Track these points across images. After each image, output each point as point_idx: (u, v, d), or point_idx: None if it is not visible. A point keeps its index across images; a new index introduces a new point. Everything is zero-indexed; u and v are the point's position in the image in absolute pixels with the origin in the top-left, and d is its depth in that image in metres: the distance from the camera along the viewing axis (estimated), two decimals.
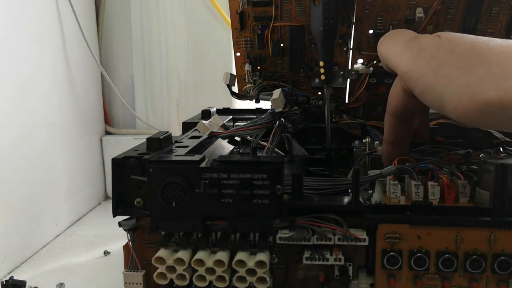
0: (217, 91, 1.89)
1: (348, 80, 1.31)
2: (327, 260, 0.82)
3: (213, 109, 1.36)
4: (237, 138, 1.25)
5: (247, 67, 1.37)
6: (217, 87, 1.88)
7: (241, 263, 0.82)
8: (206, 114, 1.32)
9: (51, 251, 1.38)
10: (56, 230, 1.49)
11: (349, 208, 0.82)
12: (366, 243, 0.80)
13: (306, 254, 0.82)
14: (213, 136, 1.08)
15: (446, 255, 0.80)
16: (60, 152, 1.52)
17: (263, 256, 0.82)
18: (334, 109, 1.33)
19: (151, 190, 0.83)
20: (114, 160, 0.88)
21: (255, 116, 1.26)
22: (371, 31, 1.27)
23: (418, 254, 0.80)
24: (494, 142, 1.20)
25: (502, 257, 0.79)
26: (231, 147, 1.19)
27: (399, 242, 0.81)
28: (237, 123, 1.36)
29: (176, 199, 0.81)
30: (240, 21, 1.32)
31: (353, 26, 1.26)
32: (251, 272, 0.82)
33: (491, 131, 1.23)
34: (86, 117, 1.71)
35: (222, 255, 0.83)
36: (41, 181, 1.41)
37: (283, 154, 1.19)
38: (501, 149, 0.87)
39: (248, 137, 1.23)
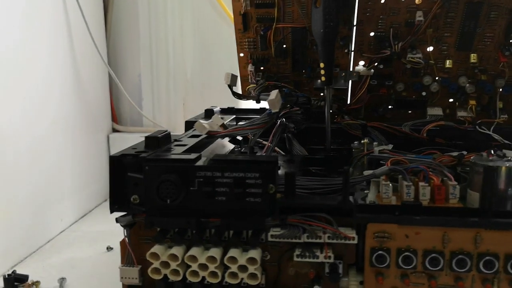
0: (224, 90, 1.89)
1: (350, 81, 1.32)
2: (317, 257, 0.83)
3: (217, 109, 1.38)
4: (239, 138, 1.26)
5: (250, 67, 1.39)
6: (224, 87, 1.89)
7: (233, 259, 0.84)
8: (209, 114, 1.34)
9: (55, 246, 1.40)
10: (61, 225, 1.51)
11: (339, 207, 0.84)
12: (355, 241, 0.82)
13: (297, 252, 0.84)
14: (211, 136, 1.09)
15: (433, 254, 0.82)
16: (66, 149, 1.54)
17: (254, 253, 0.84)
18: (336, 110, 1.35)
19: (147, 187, 0.85)
20: (111, 158, 0.90)
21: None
22: (372, 34, 1.28)
23: (406, 253, 0.82)
24: (493, 144, 1.21)
25: (487, 257, 0.81)
26: (231, 146, 1.21)
27: (387, 241, 0.83)
28: (240, 123, 1.37)
29: (171, 196, 0.84)
30: (243, 22, 1.34)
31: (354, 28, 1.28)
32: (243, 268, 0.84)
33: (490, 133, 1.24)
34: (93, 115, 1.73)
35: (215, 252, 0.85)
36: (47, 178, 1.43)
37: (283, 153, 1.21)
38: (492, 152, 0.88)
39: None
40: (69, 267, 1.27)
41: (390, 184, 0.87)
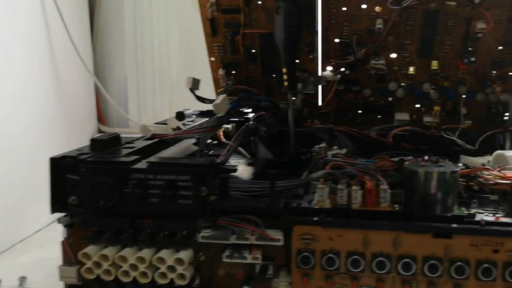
0: (209, 92, 1.92)
1: (320, 86, 1.34)
2: (245, 258, 0.85)
3: (189, 111, 1.40)
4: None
5: (221, 71, 1.40)
6: (209, 89, 1.91)
7: (161, 260, 0.86)
8: (180, 116, 1.35)
9: (27, 245, 1.43)
10: (36, 225, 1.53)
11: (266, 210, 0.85)
12: (281, 243, 0.84)
13: (226, 253, 0.86)
14: (158, 138, 1.09)
15: (355, 256, 0.83)
16: (44, 149, 1.54)
17: (182, 254, 0.86)
18: (307, 114, 1.36)
19: (83, 188, 0.87)
20: (51, 159, 0.92)
21: None
22: (337, 40, 1.30)
23: (329, 255, 0.84)
24: (456, 149, 1.22)
25: (405, 259, 0.82)
26: (195, 148, 1.22)
27: (312, 243, 0.85)
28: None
29: (105, 198, 0.85)
30: (211, 27, 1.36)
31: (318, 35, 1.30)
32: (172, 268, 0.86)
33: (454, 138, 1.25)
34: (76, 116, 1.75)
35: (145, 252, 0.87)
36: (21, 178, 1.46)
37: (249, 156, 1.23)
38: (427, 157, 0.90)
39: (223, 139, 1.26)
40: (35, 267, 1.29)
41: (326, 188, 0.88)
